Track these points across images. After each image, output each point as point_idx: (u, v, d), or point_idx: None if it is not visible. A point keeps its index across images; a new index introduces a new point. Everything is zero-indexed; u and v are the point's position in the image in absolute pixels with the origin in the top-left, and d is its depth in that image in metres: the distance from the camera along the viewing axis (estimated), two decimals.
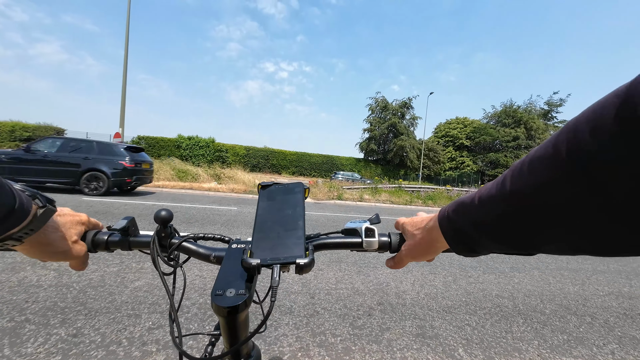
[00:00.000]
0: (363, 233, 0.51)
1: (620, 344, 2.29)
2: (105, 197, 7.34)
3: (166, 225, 0.50)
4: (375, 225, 0.53)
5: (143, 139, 23.19)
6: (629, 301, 3.23)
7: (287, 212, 0.50)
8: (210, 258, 0.51)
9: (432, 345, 2.01)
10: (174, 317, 0.44)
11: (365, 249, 0.51)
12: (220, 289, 0.40)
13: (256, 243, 0.45)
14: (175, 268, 0.52)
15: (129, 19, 11.97)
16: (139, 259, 3.12)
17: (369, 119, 31.61)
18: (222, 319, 0.41)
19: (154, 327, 1.93)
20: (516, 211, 0.28)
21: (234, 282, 0.41)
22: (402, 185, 16.36)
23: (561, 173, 0.24)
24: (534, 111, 32.07)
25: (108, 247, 0.52)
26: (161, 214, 0.49)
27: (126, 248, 0.52)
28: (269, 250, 0.43)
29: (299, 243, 0.44)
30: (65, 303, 2.14)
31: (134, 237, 0.52)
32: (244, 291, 0.39)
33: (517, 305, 2.85)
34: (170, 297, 0.46)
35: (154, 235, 0.50)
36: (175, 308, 0.45)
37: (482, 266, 4.05)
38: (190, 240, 0.53)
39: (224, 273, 0.43)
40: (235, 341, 0.43)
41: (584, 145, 0.22)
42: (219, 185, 11.63)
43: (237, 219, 6.09)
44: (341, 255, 3.89)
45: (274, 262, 0.40)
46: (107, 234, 0.52)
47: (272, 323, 2.11)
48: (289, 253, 0.42)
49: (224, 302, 0.38)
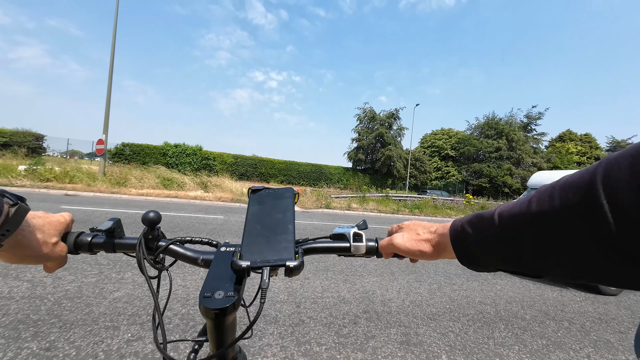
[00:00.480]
0: (351, 238, 0.52)
1: (595, 347, 2.37)
2: (86, 206, 7.09)
3: (154, 227, 0.49)
4: (363, 230, 0.54)
5: (127, 145, 22.62)
6: (604, 306, 3.36)
7: (277, 216, 0.51)
8: (199, 261, 0.50)
9: (416, 352, 2.03)
10: (159, 320, 0.43)
11: (353, 254, 0.52)
12: (208, 291, 0.39)
13: (246, 246, 0.45)
14: (160, 271, 0.51)
15: (117, 23, 11.85)
16: (119, 269, 3.02)
17: (357, 129, 32.04)
18: (209, 321, 0.41)
19: (133, 339, 1.86)
20: (538, 232, 0.29)
21: (223, 284, 0.41)
22: (389, 194, 16.54)
23: (592, 199, 0.24)
24: (514, 123, 33.36)
25: (91, 249, 0.50)
26: (149, 215, 0.48)
27: (110, 250, 0.50)
28: (258, 253, 0.43)
29: (288, 246, 0.45)
30: (39, 315, 2.04)
31: (119, 239, 0.50)
32: (233, 293, 0.39)
33: (499, 311, 2.91)
34: (156, 301, 0.45)
35: (140, 236, 0.49)
36: (160, 312, 0.44)
37: (466, 274, 4.13)
38: (177, 243, 0.52)
39: (213, 276, 0.43)
40: (222, 344, 0.42)
41: (622, 178, 0.23)
42: (205, 193, 11.44)
43: (223, 227, 6.00)
44: (328, 264, 3.88)
45: (263, 264, 0.41)
46: (90, 235, 0.50)
47: (256, 333, 2.08)
48: (278, 256, 0.43)
49: (213, 304, 0.38)
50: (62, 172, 10.36)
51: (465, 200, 16.24)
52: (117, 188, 10.21)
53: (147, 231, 0.49)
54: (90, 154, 25.46)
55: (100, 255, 3.38)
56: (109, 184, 10.47)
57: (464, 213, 14.10)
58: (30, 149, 19.20)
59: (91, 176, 10.80)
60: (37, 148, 21.31)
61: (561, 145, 37.38)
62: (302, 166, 28.99)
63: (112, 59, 11.77)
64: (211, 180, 12.98)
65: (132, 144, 22.86)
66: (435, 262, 4.60)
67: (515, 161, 31.79)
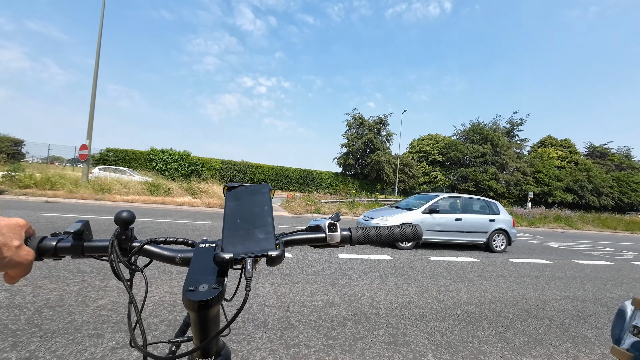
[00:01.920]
0: (326, 228, 0.55)
1: (573, 343, 2.47)
2: (67, 213, 6.87)
3: (127, 227, 0.47)
4: (336, 222, 0.57)
5: (112, 151, 22.09)
6: (582, 304, 3.50)
7: (255, 210, 0.52)
8: (176, 259, 0.49)
9: (404, 352, 2.06)
10: (138, 318, 0.44)
11: (329, 242, 0.55)
12: (192, 285, 0.40)
13: (227, 239, 0.46)
14: (134, 272, 0.49)
15: (102, 27, 11.67)
16: (104, 276, 2.95)
17: (347, 135, 32.35)
18: (193, 314, 0.41)
19: (117, 346, 1.83)
20: None
21: (205, 278, 0.41)
22: (378, 199, 16.70)
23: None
24: (498, 129, 34.40)
25: (56, 254, 0.46)
26: (122, 215, 0.45)
27: (78, 254, 0.47)
28: (240, 245, 0.44)
29: (269, 237, 0.46)
30: (18, 325, 1.98)
31: (88, 242, 0.47)
32: (217, 285, 0.40)
33: (484, 311, 2.99)
34: (134, 302, 0.44)
35: (112, 237, 0.46)
36: (139, 311, 0.44)
37: (452, 275, 4.22)
38: (152, 243, 0.50)
39: (194, 272, 0.43)
40: (206, 337, 0.42)
41: None
42: (193, 199, 11.27)
43: (211, 233, 5.93)
44: (317, 268, 3.89)
45: (246, 255, 0.42)
46: (55, 239, 0.47)
47: (244, 337, 2.07)
48: (260, 247, 0.44)
49: (197, 296, 0.38)
50: (43, 178, 10.01)
51: None
52: (101, 194, 9.94)
53: (120, 231, 0.47)
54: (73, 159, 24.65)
55: (83, 262, 3.29)
56: (93, 190, 10.18)
57: None
58: (8, 155, 18.49)
59: (74, 182, 10.48)
60: (16, 153, 20.55)
61: (543, 150, 38.74)
62: (291, 171, 28.95)
63: (97, 63, 11.55)
64: (199, 185, 12.80)
65: (117, 149, 22.34)
66: (423, 265, 4.67)
67: (500, 166, 32.68)
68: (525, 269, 5.04)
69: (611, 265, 6.15)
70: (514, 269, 5.01)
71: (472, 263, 5.21)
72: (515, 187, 32.45)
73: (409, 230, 0.58)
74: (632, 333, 0.48)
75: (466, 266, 4.91)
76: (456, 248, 6.58)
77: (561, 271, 5.14)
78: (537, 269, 5.17)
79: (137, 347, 0.40)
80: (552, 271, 5.07)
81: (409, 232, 0.58)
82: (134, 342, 0.41)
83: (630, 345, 0.49)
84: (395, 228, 0.58)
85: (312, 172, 29.92)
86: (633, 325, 0.48)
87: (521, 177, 32.55)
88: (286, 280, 3.34)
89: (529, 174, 33.08)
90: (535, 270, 5.06)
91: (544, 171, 33.78)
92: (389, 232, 0.58)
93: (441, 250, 6.17)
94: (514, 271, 4.83)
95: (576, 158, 37.62)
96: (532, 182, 32.84)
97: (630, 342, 0.49)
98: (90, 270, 3.09)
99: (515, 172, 32.76)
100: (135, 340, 0.41)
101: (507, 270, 4.84)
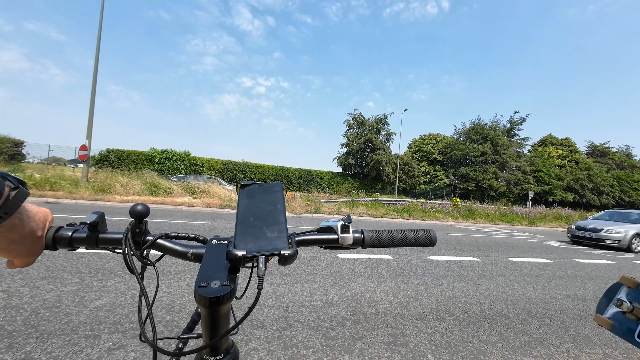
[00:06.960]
0: (339, 230, 0.54)
1: (574, 342, 2.45)
2: (67, 213, 6.86)
3: (141, 221, 0.47)
4: (349, 224, 0.56)
5: (112, 151, 22.09)
6: (583, 303, 3.48)
7: (268, 208, 0.51)
8: (188, 255, 0.49)
9: (403, 352, 2.05)
10: (149, 312, 0.43)
11: (341, 244, 0.53)
12: (204, 281, 0.40)
13: (240, 237, 0.45)
14: (146, 266, 0.50)
15: (101, 27, 11.66)
16: (102, 277, 2.94)
17: (347, 134, 32.32)
18: (204, 310, 0.41)
19: (114, 347, 1.81)
20: None
21: (218, 274, 0.41)
22: (378, 199, 16.68)
23: None
24: (498, 128, 34.35)
25: (71, 244, 0.47)
26: (137, 208, 0.46)
27: (93, 245, 0.48)
28: (252, 243, 0.44)
29: (282, 236, 0.46)
30: (14, 326, 1.96)
31: (103, 234, 0.48)
32: (229, 282, 0.40)
33: (484, 310, 2.97)
34: (145, 295, 0.44)
35: (127, 230, 0.47)
36: (150, 305, 0.44)
37: (452, 275, 4.20)
38: (165, 237, 0.51)
39: (206, 268, 0.43)
40: (216, 334, 0.42)
41: None
42: (193, 199, 11.26)
43: (211, 234, 5.91)
44: (317, 268, 3.88)
45: (259, 253, 0.42)
46: (71, 229, 0.48)
47: (242, 338, 2.06)
48: (272, 245, 0.44)
49: (209, 292, 0.38)
50: (42, 178, 10.01)
51: (452, 203, 16.55)
52: (100, 195, 9.94)
53: (134, 224, 0.47)
54: (73, 160, 24.66)
55: (81, 263, 3.27)
56: (92, 190, 10.18)
57: (451, 216, 14.34)
58: (8, 156, 18.50)
59: (73, 183, 10.47)
60: (16, 154, 20.53)
61: (543, 149, 38.69)
62: (291, 171, 28.94)
63: (97, 63, 11.55)
64: (199, 186, 12.78)
65: (117, 150, 22.35)
66: (422, 265, 4.66)
67: (500, 165, 32.65)
68: (525, 268, 5.02)
69: (612, 264, 6.13)
70: (514, 268, 4.99)
71: (473, 262, 5.19)
72: (515, 186, 32.42)
73: (423, 236, 0.57)
74: (615, 305, 0.53)
75: (466, 265, 4.89)
76: (461, 247, 6.56)
77: (562, 270, 5.12)
78: (538, 268, 5.16)
79: (147, 341, 0.40)
80: (552, 270, 5.05)
81: (423, 238, 0.57)
82: (144, 336, 0.41)
83: (611, 315, 0.54)
84: (409, 232, 0.57)
85: (312, 171, 29.91)
86: (617, 299, 0.53)
87: (521, 176, 32.53)
88: (285, 280, 3.32)
89: (530, 173, 33.05)
90: (535, 269, 5.04)
91: (545, 170, 33.75)
92: (402, 236, 0.57)
93: (441, 249, 6.15)
94: (515, 270, 4.81)
95: (577, 157, 37.56)
96: (532, 181, 32.81)
97: (613, 312, 0.54)
98: (89, 271, 3.08)
99: (515, 171, 32.73)
100: (146, 334, 0.41)
101: (508, 270, 4.82)
